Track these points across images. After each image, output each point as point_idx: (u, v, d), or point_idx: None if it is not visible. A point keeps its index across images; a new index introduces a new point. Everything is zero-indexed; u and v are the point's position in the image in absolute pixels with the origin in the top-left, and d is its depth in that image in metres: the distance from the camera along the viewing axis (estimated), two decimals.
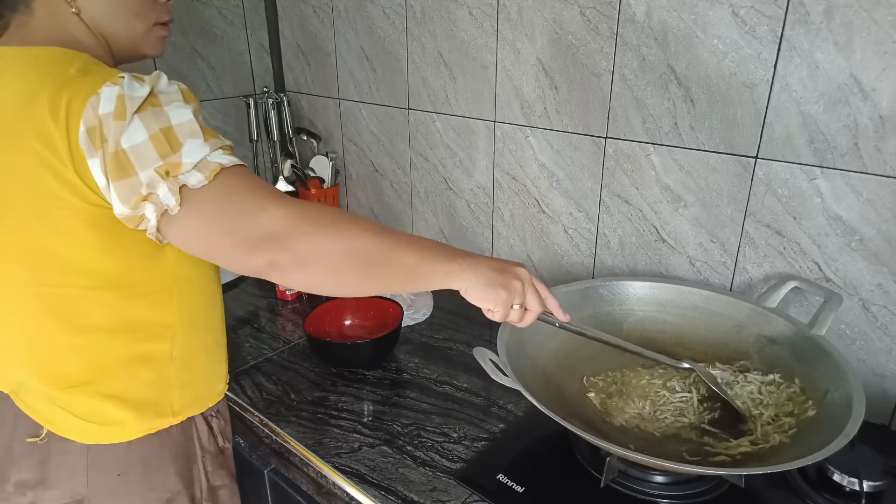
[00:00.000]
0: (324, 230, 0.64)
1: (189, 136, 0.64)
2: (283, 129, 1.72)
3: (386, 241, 0.67)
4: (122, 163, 0.62)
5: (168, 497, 0.83)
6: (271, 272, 0.64)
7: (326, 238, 0.64)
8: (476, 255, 0.73)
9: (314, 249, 0.64)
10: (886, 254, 0.91)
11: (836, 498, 0.80)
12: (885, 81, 0.84)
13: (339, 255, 0.65)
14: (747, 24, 0.93)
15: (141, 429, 0.79)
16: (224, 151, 0.66)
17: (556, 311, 0.80)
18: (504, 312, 0.73)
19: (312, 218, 0.65)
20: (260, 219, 0.63)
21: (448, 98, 1.38)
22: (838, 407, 0.76)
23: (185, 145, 0.63)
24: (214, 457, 0.89)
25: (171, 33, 0.86)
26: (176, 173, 0.63)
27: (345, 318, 1.23)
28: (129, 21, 0.77)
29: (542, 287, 0.78)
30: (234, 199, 0.64)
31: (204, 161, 0.64)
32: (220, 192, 0.64)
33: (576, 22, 1.11)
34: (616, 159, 1.14)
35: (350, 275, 0.66)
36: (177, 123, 0.64)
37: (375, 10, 1.45)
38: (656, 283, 1.04)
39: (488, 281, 0.71)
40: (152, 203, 0.63)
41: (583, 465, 0.87)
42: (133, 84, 0.64)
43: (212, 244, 0.66)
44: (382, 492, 0.83)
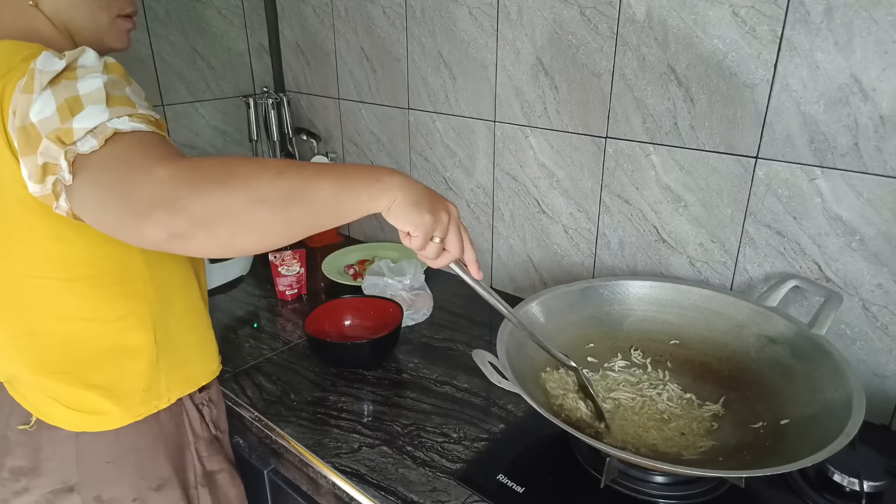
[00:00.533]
0: (219, 183, 0.55)
1: (91, 102, 0.59)
2: (283, 128, 1.72)
3: (294, 177, 0.58)
4: (31, 136, 0.58)
5: (159, 483, 0.84)
6: (175, 243, 0.56)
7: (224, 191, 0.55)
8: (405, 175, 0.65)
9: (212, 207, 0.55)
10: (887, 254, 0.90)
11: (837, 498, 0.80)
12: (886, 81, 0.84)
13: (244, 207, 0.56)
14: (747, 24, 0.93)
15: (127, 417, 0.80)
16: (133, 119, 0.60)
17: (471, 265, 0.73)
18: (423, 241, 0.65)
19: (204, 172, 0.56)
20: (144, 182, 0.55)
21: (448, 98, 1.37)
22: (838, 407, 0.76)
23: (83, 111, 0.58)
24: (209, 443, 0.89)
25: (171, 34, 0.86)
26: (70, 140, 0.57)
27: (345, 318, 1.23)
28: (93, 12, 0.76)
29: (466, 234, 0.71)
30: (121, 164, 0.57)
31: (101, 126, 0.58)
32: (108, 157, 0.58)
33: (576, 22, 1.11)
34: (616, 159, 1.14)
35: (265, 225, 0.57)
36: (84, 93, 0.60)
37: (375, 10, 1.45)
38: (656, 283, 1.04)
39: (416, 201, 0.63)
40: (55, 175, 0.58)
41: (583, 465, 0.87)
42: (49, 58, 0.61)
43: (105, 216, 0.60)
44: (382, 492, 0.83)
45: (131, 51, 1.49)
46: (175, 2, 1.52)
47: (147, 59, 1.50)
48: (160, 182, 0.55)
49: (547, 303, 0.99)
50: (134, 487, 0.82)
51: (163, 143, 0.60)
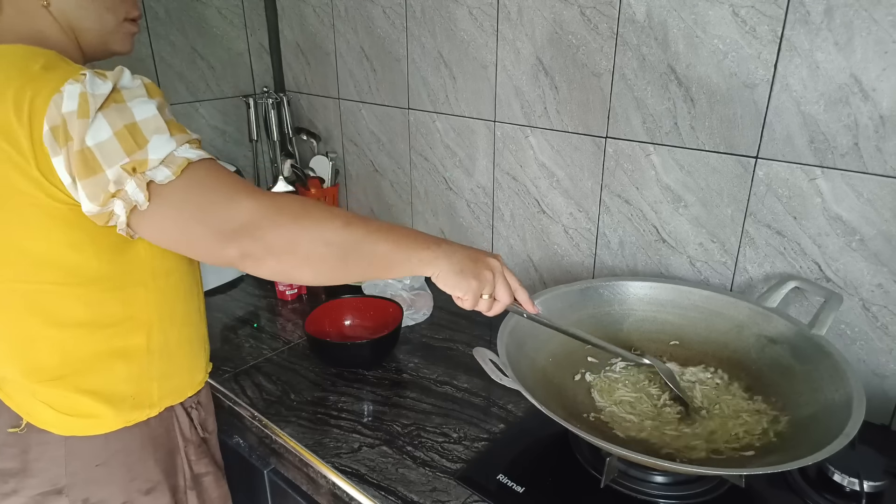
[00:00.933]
0: (295, 220, 0.65)
1: (154, 131, 0.64)
2: (283, 128, 1.72)
3: (359, 230, 0.67)
4: (88, 160, 0.62)
5: (148, 487, 0.84)
6: (245, 262, 0.65)
7: (298, 228, 0.65)
8: (450, 243, 0.74)
9: (286, 239, 0.65)
10: (887, 254, 0.90)
11: (836, 498, 0.80)
12: (886, 81, 0.84)
13: (311, 245, 0.65)
14: (747, 24, 0.93)
15: (118, 422, 0.80)
16: (191, 145, 0.66)
17: (525, 304, 0.80)
18: (473, 301, 0.74)
19: (284, 208, 0.65)
20: (231, 211, 0.64)
21: (448, 98, 1.38)
22: (838, 407, 0.76)
23: (150, 141, 0.63)
24: (197, 446, 0.90)
25: (171, 34, 0.86)
26: (143, 170, 0.63)
27: (345, 318, 1.23)
28: (101, 14, 0.77)
29: (513, 278, 0.79)
30: (203, 193, 0.65)
31: (171, 156, 0.64)
32: (189, 186, 0.64)
33: (576, 22, 1.11)
34: (616, 159, 1.14)
35: (324, 264, 0.67)
36: (141, 119, 0.64)
37: (375, 10, 1.45)
38: (656, 283, 1.04)
39: (461, 269, 0.72)
40: (121, 199, 0.63)
41: (583, 465, 0.87)
42: (95, 81, 0.63)
43: (184, 238, 0.66)
44: (382, 492, 0.83)
45: None
46: (175, 2, 1.52)
47: (147, 59, 1.50)
48: (247, 211, 0.64)
49: (547, 303, 0.99)
50: (123, 490, 0.82)
51: (229, 172, 0.68)
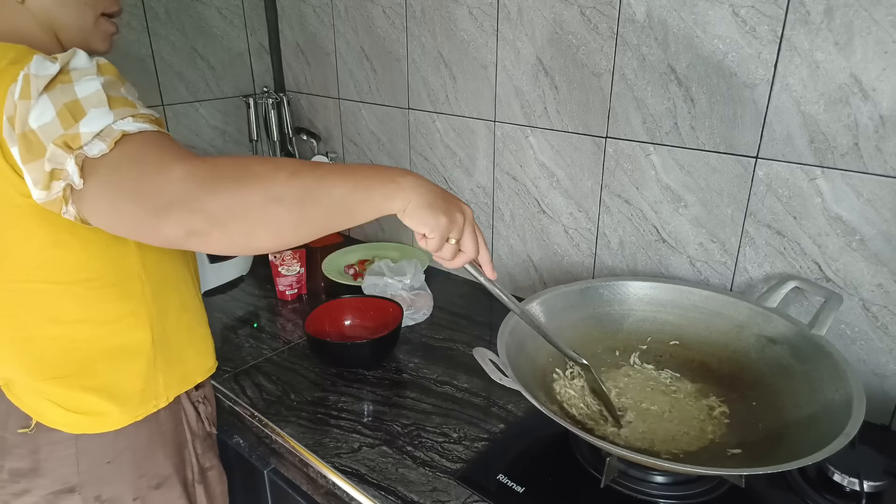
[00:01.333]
0: (235, 182, 0.57)
1: (93, 106, 0.60)
2: (283, 128, 1.72)
3: (309, 176, 0.59)
4: (32, 143, 0.59)
5: (158, 482, 0.84)
6: (191, 240, 0.58)
7: (240, 189, 0.57)
8: (418, 175, 0.65)
9: (228, 205, 0.57)
10: (887, 254, 0.90)
11: (836, 498, 0.80)
12: (886, 81, 0.84)
13: (259, 205, 0.57)
14: (747, 24, 0.93)
15: (126, 418, 0.80)
16: (136, 119, 0.61)
17: (486, 266, 0.73)
18: (439, 242, 0.65)
19: (220, 171, 0.58)
20: (160, 182, 0.57)
21: (448, 98, 1.37)
22: (838, 407, 0.76)
23: (87, 115, 0.59)
24: (203, 440, 0.91)
25: (171, 34, 0.85)
26: (77, 145, 0.58)
27: (345, 318, 1.23)
28: (80, 9, 0.75)
29: (481, 235, 0.71)
30: (134, 166, 0.58)
31: (108, 129, 0.59)
32: (120, 159, 0.58)
33: (576, 22, 1.11)
34: (616, 159, 1.14)
35: (279, 223, 0.59)
36: (83, 97, 0.60)
37: (375, 10, 1.45)
38: (656, 283, 1.04)
39: (431, 203, 0.64)
40: (63, 180, 0.59)
41: (583, 465, 0.87)
42: (43, 63, 0.61)
43: (120, 217, 0.61)
44: (382, 492, 0.83)
45: (131, 51, 1.50)
46: (175, 2, 1.52)
47: (147, 59, 1.50)
48: (177, 181, 0.56)
49: (547, 303, 0.99)
50: (134, 486, 0.82)
51: (171, 142, 0.61)
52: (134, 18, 1.46)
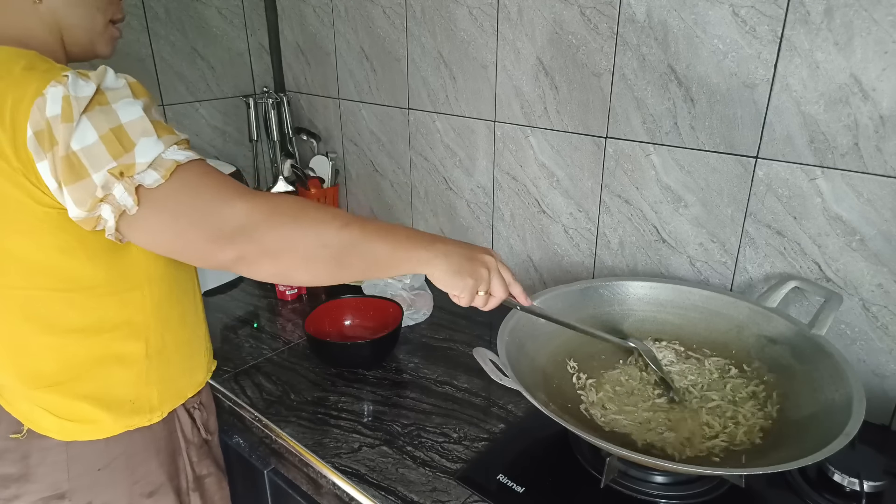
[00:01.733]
0: (292, 221, 0.64)
1: (141, 134, 0.62)
2: (283, 128, 1.72)
3: (356, 231, 0.66)
4: (74, 165, 0.61)
5: (151, 490, 0.84)
6: (239, 265, 0.64)
7: (295, 229, 0.64)
8: (446, 241, 0.74)
9: (282, 240, 0.63)
10: (887, 254, 0.90)
11: (836, 498, 0.80)
12: (886, 81, 0.84)
13: (308, 246, 0.64)
14: (747, 24, 0.93)
15: (117, 427, 0.80)
16: (179, 147, 0.65)
17: (519, 297, 0.81)
18: (469, 299, 0.75)
19: (280, 209, 0.64)
20: (226, 213, 0.62)
21: (448, 98, 1.37)
22: (838, 407, 0.76)
23: (137, 144, 0.62)
24: (199, 448, 0.90)
25: (171, 34, 0.85)
26: (131, 174, 0.61)
27: (345, 318, 1.23)
28: (91, 14, 0.76)
29: (508, 273, 0.79)
30: (195, 196, 0.63)
31: (159, 159, 0.62)
32: (179, 189, 0.63)
33: (576, 22, 1.11)
34: (616, 159, 1.14)
35: (321, 264, 0.66)
36: (127, 122, 0.62)
37: (375, 10, 1.45)
38: (656, 283, 1.04)
39: (457, 269, 0.72)
40: (109, 204, 0.62)
41: (583, 465, 0.87)
42: (78, 82, 0.62)
43: (178, 242, 0.65)
44: (382, 492, 0.83)
45: (131, 51, 1.50)
46: (175, 2, 1.52)
47: (147, 59, 1.50)
48: (243, 213, 0.63)
49: (547, 303, 0.99)
50: (126, 494, 0.82)
51: (220, 173, 0.66)
52: (134, 18, 1.46)
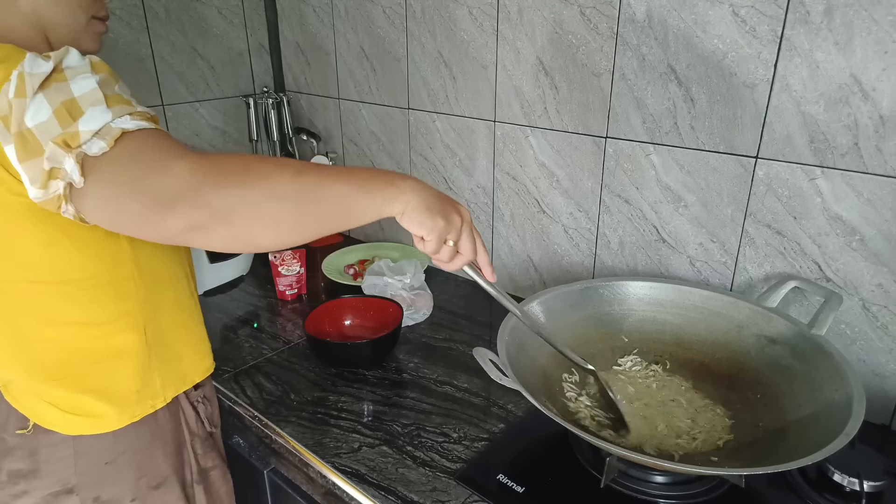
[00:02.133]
0: (239, 178, 0.58)
1: (91, 104, 0.60)
2: (283, 128, 1.72)
3: (312, 176, 0.61)
4: (28, 142, 0.59)
5: (157, 482, 0.84)
6: (194, 235, 0.59)
7: (243, 186, 0.58)
8: (417, 179, 0.67)
9: (232, 200, 0.57)
10: (887, 254, 0.90)
11: (836, 498, 0.80)
12: (886, 81, 0.84)
13: (261, 201, 0.58)
14: (747, 24, 0.93)
15: (124, 419, 0.80)
16: (133, 117, 0.61)
17: (485, 268, 0.74)
18: (436, 244, 0.67)
19: (224, 168, 0.59)
20: (164, 177, 0.57)
21: (448, 98, 1.37)
22: (838, 407, 0.76)
23: (85, 113, 0.59)
24: (203, 440, 0.90)
25: (171, 34, 0.85)
26: (76, 143, 0.58)
27: (345, 318, 1.23)
28: (73, 10, 0.74)
29: (479, 237, 0.72)
30: (137, 163, 0.59)
31: (106, 128, 0.59)
32: (121, 156, 0.59)
33: (576, 21, 1.11)
34: (616, 159, 1.14)
35: (281, 220, 0.60)
36: (79, 94, 0.60)
37: (375, 10, 1.45)
38: (656, 283, 1.04)
39: (429, 206, 0.65)
40: (60, 179, 0.59)
41: (583, 465, 0.87)
42: (36, 61, 0.60)
43: (121, 213, 0.60)
44: (382, 492, 0.83)
45: (131, 51, 1.50)
46: (175, 2, 1.52)
47: (147, 59, 1.50)
48: (180, 176, 0.57)
49: (547, 303, 0.99)
50: (133, 487, 0.82)
51: (171, 139, 0.61)
52: (134, 18, 1.46)
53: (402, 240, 1.62)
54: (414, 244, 0.69)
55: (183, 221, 0.57)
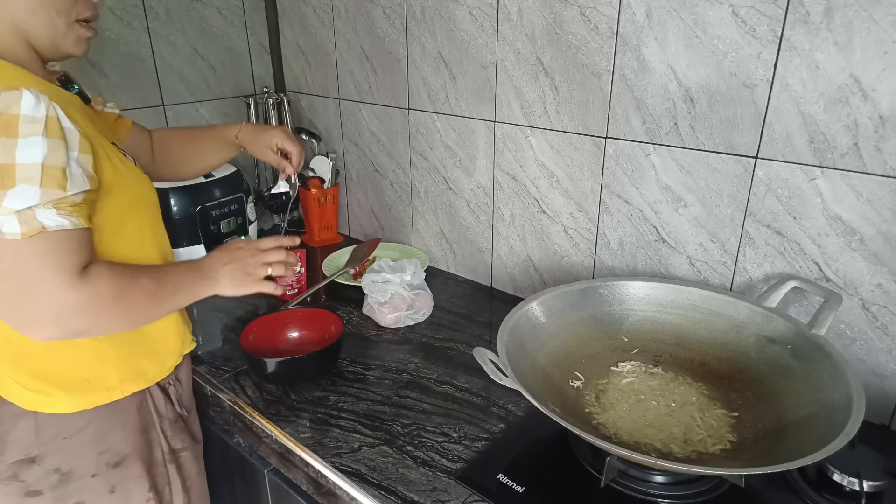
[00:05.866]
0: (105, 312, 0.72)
1: (24, 181, 0.64)
2: None
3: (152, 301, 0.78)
4: None
5: (117, 460, 0.86)
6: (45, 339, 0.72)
7: (104, 316, 0.73)
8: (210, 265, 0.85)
9: (92, 326, 0.73)
10: (886, 254, 0.91)
11: (836, 498, 0.80)
12: (885, 81, 0.84)
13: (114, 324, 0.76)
14: (747, 24, 0.93)
15: (74, 404, 0.82)
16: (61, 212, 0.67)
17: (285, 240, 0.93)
18: (265, 285, 0.89)
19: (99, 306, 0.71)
20: (48, 299, 0.68)
21: (448, 98, 1.38)
22: (838, 407, 0.76)
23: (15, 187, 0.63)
24: (173, 422, 0.92)
25: (171, 34, 0.86)
26: None
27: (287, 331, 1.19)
28: (51, 18, 0.74)
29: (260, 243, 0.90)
30: (34, 267, 0.66)
31: (28, 214, 0.64)
32: (26, 251, 0.66)
33: (576, 22, 1.11)
34: (616, 159, 1.14)
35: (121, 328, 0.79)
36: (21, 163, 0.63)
37: (375, 10, 1.45)
38: (656, 283, 1.04)
39: (234, 284, 0.87)
40: None
41: (583, 465, 0.87)
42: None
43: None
44: (382, 492, 0.83)
45: (131, 51, 1.50)
46: (175, 2, 1.52)
47: (147, 60, 1.50)
48: (63, 305, 0.68)
49: (547, 303, 0.99)
50: (93, 463, 0.85)
51: (74, 252, 0.69)
52: (134, 18, 1.46)
53: (402, 240, 1.62)
54: (414, 245, 0.76)
55: (43, 335, 0.71)
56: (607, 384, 0.97)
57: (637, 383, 0.97)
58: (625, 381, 0.98)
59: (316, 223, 1.69)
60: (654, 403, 0.93)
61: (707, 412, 0.91)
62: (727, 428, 0.88)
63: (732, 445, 0.84)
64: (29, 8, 0.72)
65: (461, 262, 1.50)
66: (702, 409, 0.92)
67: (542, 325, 0.97)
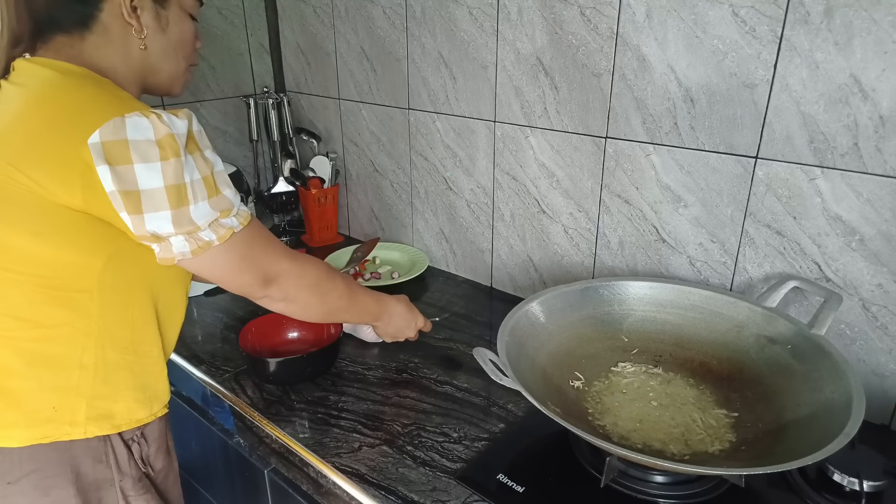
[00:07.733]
0: (312, 284, 0.88)
1: (202, 198, 0.71)
2: (283, 129, 1.72)
3: (346, 303, 0.95)
4: (134, 202, 0.67)
5: None
6: (263, 300, 0.84)
7: (310, 290, 0.88)
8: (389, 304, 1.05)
9: (301, 295, 0.87)
10: (886, 254, 0.91)
11: (836, 498, 0.80)
12: (885, 81, 0.84)
13: (315, 304, 0.90)
14: (747, 24, 0.93)
15: (32, 436, 0.75)
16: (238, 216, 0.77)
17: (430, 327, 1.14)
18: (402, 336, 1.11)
19: (307, 274, 0.87)
20: (275, 266, 0.82)
21: (448, 98, 1.38)
22: (838, 407, 0.76)
23: (195, 206, 0.71)
24: (137, 481, 0.83)
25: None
26: (195, 230, 0.71)
27: (287, 332, 1.19)
28: (178, 61, 0.84)
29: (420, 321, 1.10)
30: (255, 248, 0.80)
31: (215, 223, 0.73)
32: (243, 241, 0.78)
33: (576, 22, 1.11)
34: (616, 159, 1.14)
35: (316, 315, 0.94)
36: (190, 180, 0.70)
37: (375, 10, 1.45)
38: (656, 283, 1.04)
39: (390, 334, 1.09)
40: (168, 243, 0.71)
41: (583, 465, 0.87)
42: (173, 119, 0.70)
43: (232, 279, 0.80)
44: (382, 492, 0.83)
45: None
46: None
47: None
48: (282, 272, 0.83)
49: (547, 303, 0.99)
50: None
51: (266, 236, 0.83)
52: None
53: (402, 240, 1.62)
54: (414, 245, 0.79)
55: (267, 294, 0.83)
56: (607, 384, 0.97)
57: (637, 383, 0.97)
58: (625, 381, 0.98)
59: (316, 223, 1.69)
60: (654, 403, 0.93)
61: (707, 412, 0.91)
62: (727, 428, 0.88)
63: (732, 445, 0.84)
64: (166, 50, 0.81)
65: (461, 261, 1.50)
66: (702, 409, 0.92)
67: (542, 325, 0.97)
